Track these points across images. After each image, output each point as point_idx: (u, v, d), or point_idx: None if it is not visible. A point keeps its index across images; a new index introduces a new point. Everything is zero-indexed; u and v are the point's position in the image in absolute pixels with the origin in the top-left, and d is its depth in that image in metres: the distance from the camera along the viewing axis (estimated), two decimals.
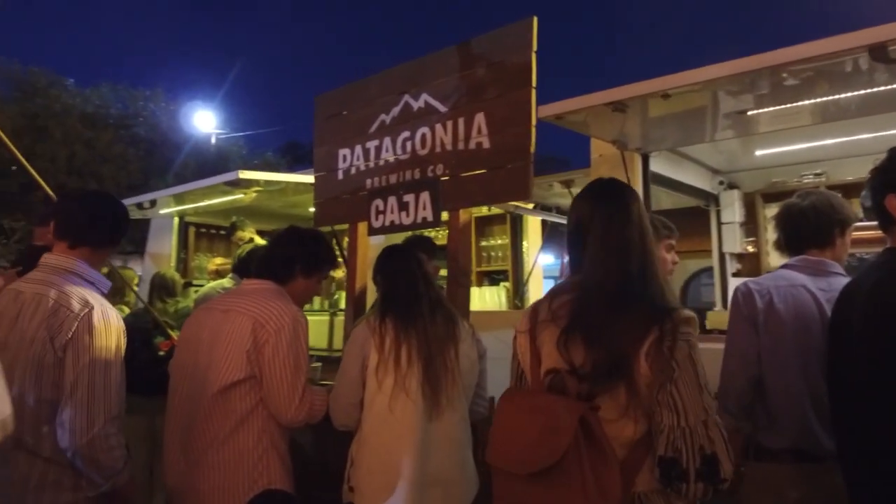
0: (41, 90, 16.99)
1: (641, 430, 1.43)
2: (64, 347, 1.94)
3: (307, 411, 2.24)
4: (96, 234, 2.16)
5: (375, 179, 3.29)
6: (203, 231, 7.15)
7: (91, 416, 1.92)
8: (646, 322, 1.42)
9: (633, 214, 1.56)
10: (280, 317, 2.24)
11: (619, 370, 1.41)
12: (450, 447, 2.18)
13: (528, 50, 2.63)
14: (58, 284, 2.01)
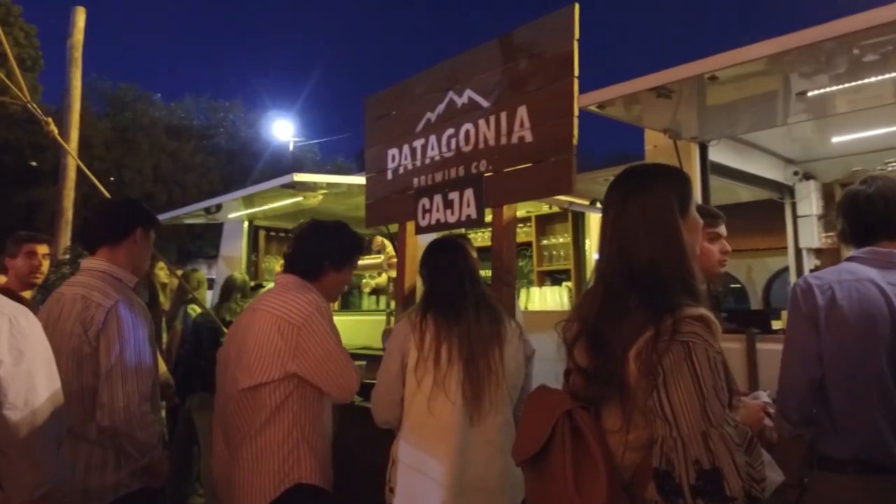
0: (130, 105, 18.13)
1: (645, 437, 1.32)
2: (97, 337, 2.11)
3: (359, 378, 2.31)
4: (104, 234, 2.32)
5: (422, 178, 3.27)
6: (272, 234, 7.37)
7: (127, 396, 2.09)
8: (643, 321, 1.30)
9: (646, 201, 1.41)
10: (302, 308, 2.24)
11: (611, 380, 1.32)
12: (491, 452, 2.11)
13: (569, 38, 2.53)
14: (88, 283, 2.21)
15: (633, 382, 1.29)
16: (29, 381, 1.47)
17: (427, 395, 2.12)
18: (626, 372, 1.29)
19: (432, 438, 2.09)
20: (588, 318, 1.40)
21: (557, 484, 1.31)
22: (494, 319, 2.23)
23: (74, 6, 8.54)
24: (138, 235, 2.36)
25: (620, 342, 1.31)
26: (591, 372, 1.36)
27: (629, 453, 1.31)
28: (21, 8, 19.16)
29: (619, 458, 1.32)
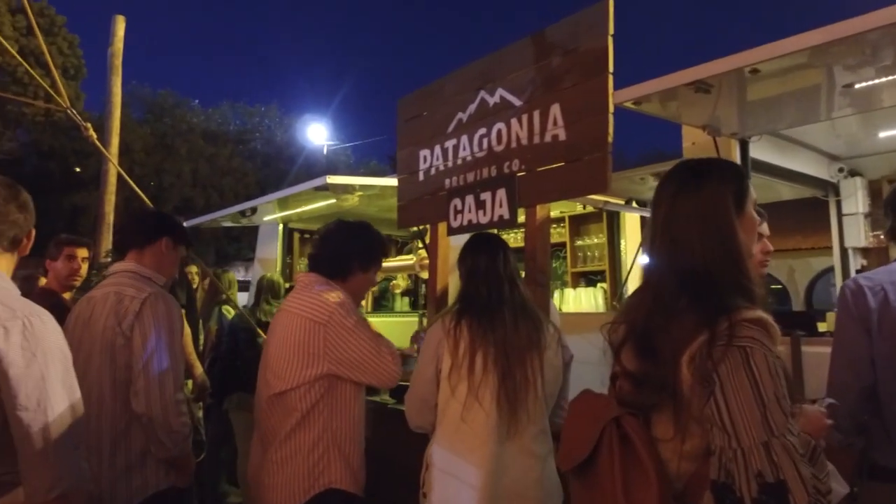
0: (169, 111, 18.55)
1: (700, 446, 1.26)
2: (131, 328, 2.17)
3: (399, 359, 2.31)
4: (133, 238, 2.43)
5: (454, 179, 3.24)
6: (307, 237, 7.43)
7: (162, 384, 2.14)
8: (696, 324, 1.23)
9: (699, 198, 1.34)
10: (324, 304, 2.23)
11: (663, 387, 1.25)
12: (527, 462, 2.06)
13: (604, 34, 2.48)
14: (119, 282, 2.30)
15: (686, 389, 1.22)
16: (41, 383, 1.48)
17: (461, 402, 2.07)
18: (678, 378, 1.23)
19: (467, 445, 2.05)
20: (636, 320, 1.34)
21: (605, 493, 1.26)
22: (534, 328, 2.15)
23: (115, 15, 8.73)
24: (164, 244, 2.43)
25: (672, 346, 1.25)
26: (641, 377, 1.30)
27: (684, 463, 1.25)
28: (65, 18, 19.80)
29: (672, 468, 1.26)
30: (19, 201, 1.63)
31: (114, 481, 2.11)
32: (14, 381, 1.43)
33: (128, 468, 2.14)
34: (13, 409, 1.44)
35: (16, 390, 1.43)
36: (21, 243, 1.65)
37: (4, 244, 1.60)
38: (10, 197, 1.61)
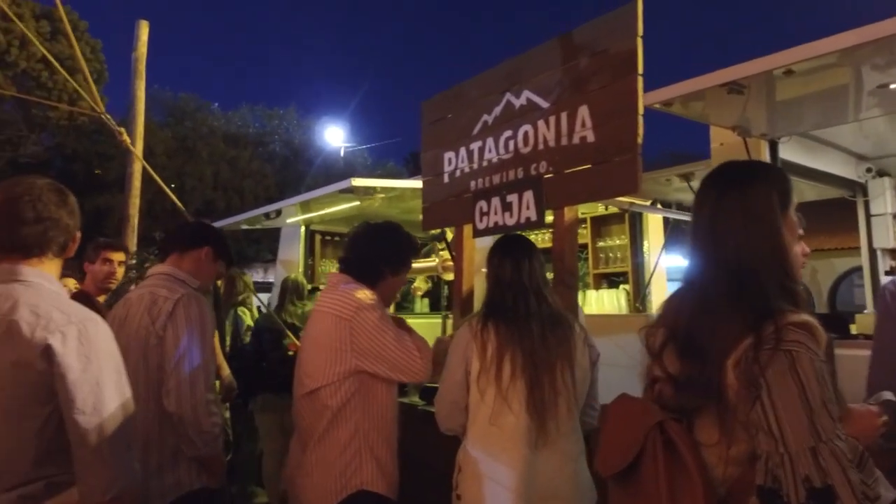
0: (190, 114, 18.76)
1: (746, 450, 1.25)
2: (164, 327, 2.21)
3: (429, 356, 2.31)
4: (176, 242, 2.49)
5: (479, 181, 3.25)
6: (328, 238, 7.48)
7: (193, 384, 2.17)
8: (741, 327, 1.23)
9: (746, 198, 1.34)
10: (350, 301, 2.25)
11: (707, 389, 1.25)
12: (560, 461, 2.06)
13: (633, 35, 2.47)
14: (154, 284, 2.35)
15: (732, 394, 1.22)
16: (96, 386, 1.51)
17: (490, 406, 2.07)
18: (723, 382, 1.23)
19: (499, 447, 2.05)
20: (679, 322, 1.34)
21: (650, 499, 1.26)
22: (564, 339, 2.13)
23: (138, 20, 8.83)
24: (205, 253, 2.47)
25: (717, 350, 1.25)
26: (684, 380, 1.30)
27: (729, 468, 1.25)
28: (87, 23, 20.09)
29: (717, 473, 1.26)
30: (68, 207, 1.65)
31: (146, 480, 2.14)
32: (71, 385, 1.46)
33: (160, 467, 2.17)
34: (70, 412, 1.47)
35: (73, 394, 1.46)
36: (68, 247, 1.68)
37: (54, 250, 1.63)
38: (60, 203, 1.62)
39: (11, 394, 1.45)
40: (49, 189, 1.62)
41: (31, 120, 18.28)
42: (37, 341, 1.46)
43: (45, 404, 1.47)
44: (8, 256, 1.58)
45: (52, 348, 1.46)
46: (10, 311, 1.49)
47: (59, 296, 1.61)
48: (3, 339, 1.46)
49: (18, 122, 17.65)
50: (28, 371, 1.46)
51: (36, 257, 1.60)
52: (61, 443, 1.49)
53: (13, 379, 1.45)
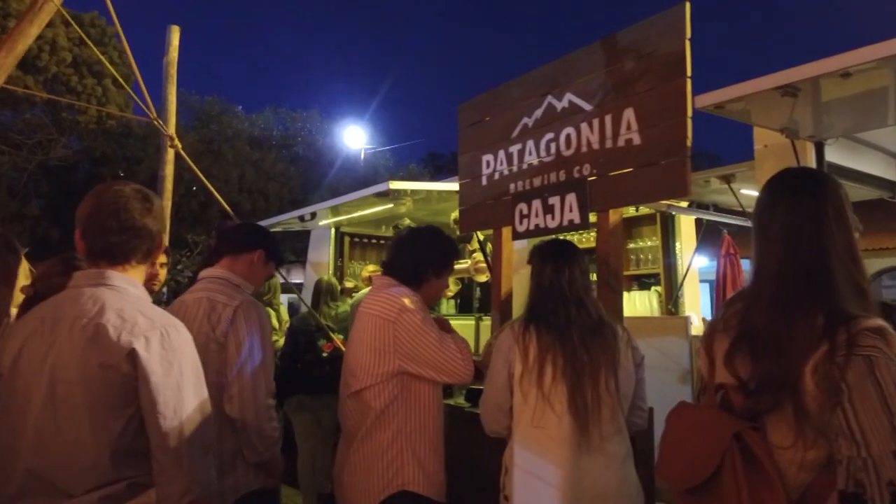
0: (215, 117, 18.97)
1: (821, 456, 1.25)
2: (225, 334, 2.22)
3: (470, 358, 2.30)
4: (231, 245, 2.48)
5: (519, 183, 3.26)
6: (356, 240, 7.54)
7: (256, 389, 2.19)
8: (816, 333, 1.23)
9: (815, 207, 1.35)
10: (394, 303, 2.27)
11: (783, 388, 1.25)
12: (605, 462, 2.05)
13: (681, 38, 2.47)
14: (209, 288, 2.34)
15: (809, 399, 1.22)
16: (177, 391, 1.53)
17: (533, 408, 2.08)
18: (801, 385, 1.23)
19: (543, 448, 2.06)
20: (752, 324, 1.34)
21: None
22: (606, 344, 2.11)
23: (169, 26, 8.98)
24: (257, 257, 2.47)
25: (794, 351, 1.25)
26: (758, 383, 1.30)
27: (802, 473, 1.25)
28: (115, 29, 20.42)
29: (791, 477, 1.26)
30: (153, 214, 1.67)
31: None
32: (154, 389, 1.49)
33: (220, 470, 2.18)
34: (152, 415, 1.49)
35: (155, 398, 1.49)
36: (153, 252, 1.71)
37: (139, 256, 1.66)
38: (145, 210, 1.64)
39: (97, 394, 1.48)
40: (135, 197, 1.64)
41: (61, 124, 18.60)
42: (122, 344, 1.48)
43: (127, 407, 1.50)
44: (96, 261, 1.62)
45: (137, 352, 1.48)
46: (97, 314, 1.52)
47: (144, 301, 1.64)
48: (90, 342, 1.49)
49: (48, 125, 17.98)
50: (113, 373, 1.48)
51: (122, 264, 1.63)
52: (141, 445, 1.52)
53: (100, 380, 1.48)
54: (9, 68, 2.49)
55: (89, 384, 1.47)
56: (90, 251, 1.62)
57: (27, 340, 1.54)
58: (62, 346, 1.50)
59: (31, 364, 1.52)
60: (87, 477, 1.46)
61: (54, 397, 1.48)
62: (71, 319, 1.52)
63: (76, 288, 1.60)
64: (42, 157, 18.01)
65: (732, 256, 7.07)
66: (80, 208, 1.64)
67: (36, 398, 1.48)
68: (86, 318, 1.51)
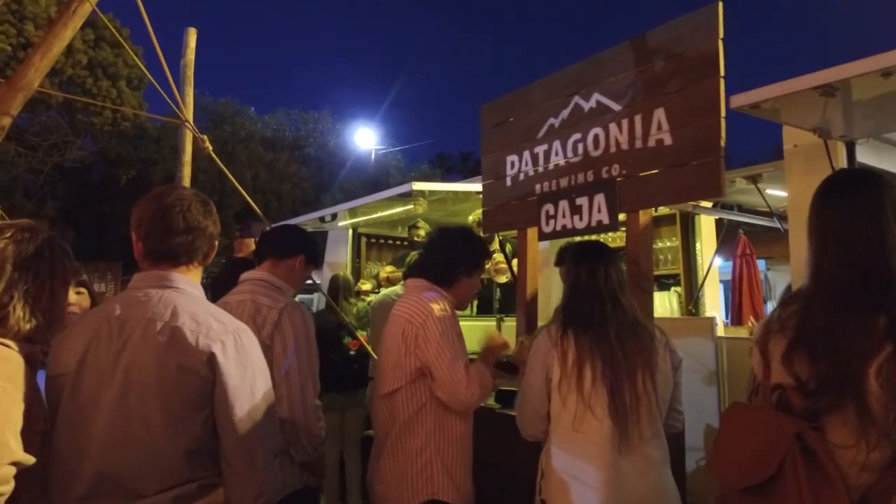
0: (228, 119, 19.05)
1: (884, 457, 1.24)
2: (270, 336, 2.22)
3: (478, 388, 2.27)
4: (274, 248, 2.48)
5: (545, 184, 3.25)
6: (372, 241, 7.55)
7: (304, 390, 2.20)
8: (879, 334, 1.22)
9: (873, 206, 1.34)
10: (422, 308, 2.27)
11: (845, 389, 1.24)
12: (645, 466, 2.05)
13: (713, 38, 2.46)
14: (252, 290, 2.35)
15: (873, 400, 1.21)
16: (251, 395, 1.55)
17: (573, 412, 2.07)
18: (864, 387, 1.22)
19: (584, 452, 2.05)
20: (812, 324, 1.33)
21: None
22: (642, 344, 2.11)
23: (186, 28, 9.04)
24: (299, 261, 2.48)
25: (855, 353, 1.24)
26: (818, 383, 1.29)
27: (864, 474, 1.24)
28: (129, 30, 20.55)
29: (852, 478, 1.25)
30: (212, 216, 1.70)
31: None
32: (231, 393, 1.50)
33: None
34: (227, 419, 1.50)
35: (232, 402, 1.50)
36: (210, 255, 1.72)
37: (199, 258, 1.68)
38: (205, 213, 1.67)
39: (174, 397, 1.48)
40: (196, 199, 1.66)
41: (76, 125, 18.76)
42: (201, 349, 1.49)
43: (202, 409, 1.51)
44: (158, 263, 1.62)
45: (216, 357, 1.49)
46: (171, 317, 1.52)
47: (209, 303, 1.66)
48: (168, 345, 1.49)
49: (64, 127, 18.13)
50: (192, 376, 1.48)
51: (184, 265, 1.64)
52: (213, 446, 1.53)
53: (177, 383, 1.48)
54: (44, 70, 2.50)
55: (165, 387, 1.48)
56: (151, 253, 1.63)
57: (93, 341, 1.53)
58: (136, 349, 1.50)
59: (99, 365, 1.51)
60: (160, 477, 1.47)
61: (128, 399, 1.48)
62: (143, 322, 1.53)
63: (139, 290, 1.60)
64: (57, 159, 18.18)
65: (748, 257, 7.01)
66: (137, 211, 1.65)
67: (106, 399, 1.48)
68: (159, 321, 1.52)
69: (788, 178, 3.05)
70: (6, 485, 1.31)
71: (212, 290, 3.23)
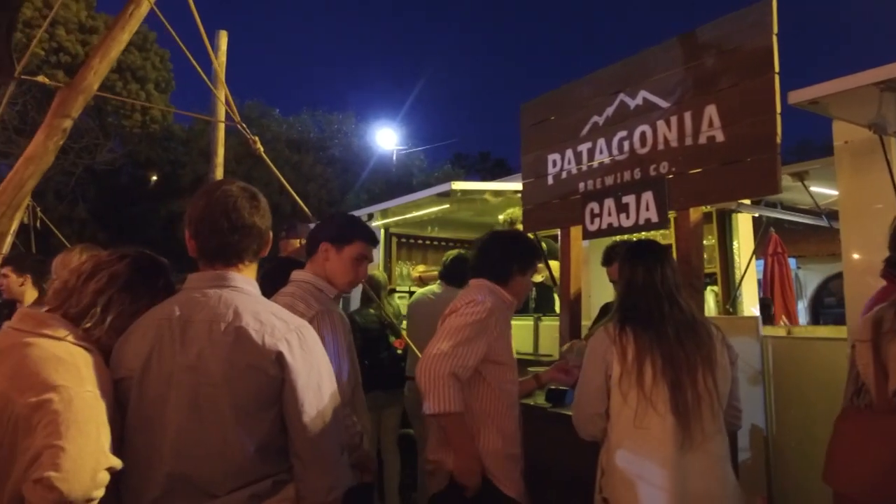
0: (255, 121, 19.23)
1: None
2: None
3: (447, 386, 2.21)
4: (310, 245, 2.40)
5: (589, 182, 3.24)
6: (403, 241, 7.57)
7: None
8: None
9: None
10: (462, 299, 2.31)
11: None
12: (709, 462, 2.03)
13: (767, 33, 2.44)
14: (294, 293, 2.28)
15: None
16: (318, 392, 1.56)
17: (634, 409, 2.05)
18: None
19: (646, 449, 2.04)
20: None
21: None
22: (701, 342, 2.09)
23: (218, 30, 9.16)
24: (323, 250, 2.36)
25: None
26: None
27: None
28: (156, 34, 20.85)
29: None
30: (261, 211, 1.65)
31: None
32: (300, 390, 1.51)
33: None
34: (296, 416, 1.51)
35: (301, 399, 1.51)
36: (262, 250, 1.70)
37: (250, 256, 1.65)
38: (253, 209, 1.63)
39: (245, 395, 1.49)
40: (243, 196, 1.63)
41: (106, 128, 19.10)
42: (268, 348, 1.48)
43: (271, 407, 1.51)
44: (212, 262, 1.62)
45: (283, 355, 1.49)
46: (234, 318, 1.51)
47: (268, 301, 1.66)
48: (234, 345, 1.48)
49: (95, 130, 18.45)
50: (260, 375, 1.48)
51: (236, 264, 1.63)
52: (281, 442, 1.54)
53: (245, 382, 1.49)
54: (103, 74, 2.55)
55: (235, 386, 1.48)
56: (203, 252, 1.62)
57: (156, 343, 1.53)
58: (202, 350, 1.50)
59: (164, 367, 1.51)
60: (233, 477, 1.47)
61: (197, 400, 1.47)
62: (206, 322, 1.52)
63: (197, 290, 1.59)
64: (88, 161, 18.50)
65: (780, 255, 6.90)
66: (190, 209, 1.63)
67: (175, 401, 1.48)
68: (222, 321, 1.51)
69: (839, 175, 3.00)
70: (100, 490, 1.32)
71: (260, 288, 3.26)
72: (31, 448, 1.29)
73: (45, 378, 1.36)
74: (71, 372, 1.40)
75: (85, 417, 1.35)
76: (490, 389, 2.28)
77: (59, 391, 1.34)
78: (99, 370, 1.47)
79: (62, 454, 1.27)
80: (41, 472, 1.25)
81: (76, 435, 1.31)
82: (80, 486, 1.27)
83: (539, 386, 2.75)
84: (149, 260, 1.70)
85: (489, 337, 2.26)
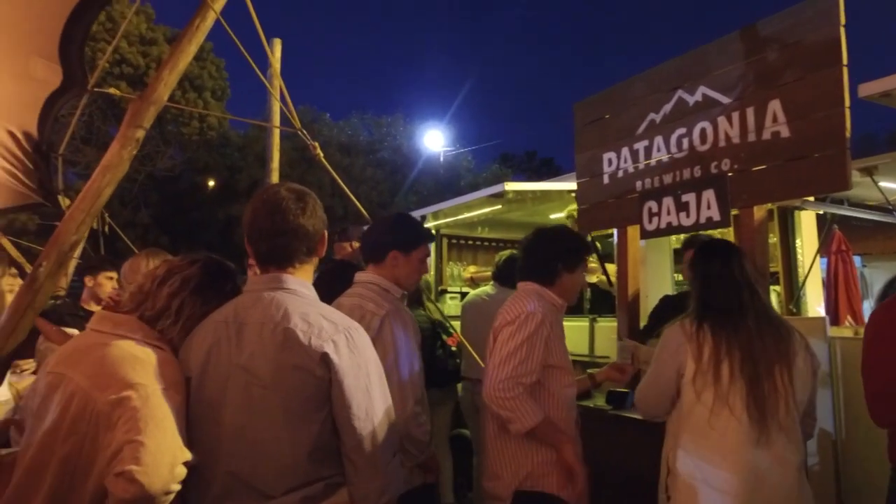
0: (307, 126, 19.62)
1: None
2: (373, 342, 2.20)
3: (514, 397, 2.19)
4: (375, 253, 2.41)
5: (647, 181, 3.20)
6: (453, 242, 7.61)
7: (403, 398, 2.16)
8: None
9: None
10: (510, 310, 2.28)
11: None
12: (783, 470, 1.98)
13: (834, 25, 2.36)
14: (362, 294, 2.33)
15: None
16: (367, 393, 1.56)
17: (709, 408, 2.01)
18: None
19: (717, 452, 1.99)
20: None
21: None
22: (780, 336, 2.04)
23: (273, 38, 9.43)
24: (391, 258, 2.39)
25: None
26: None
27: None
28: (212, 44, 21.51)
29: None
30: (308, 212, 1.65)
31: None
32: (348, 391, 1.51)
33: None
34: (346, 418, 1.52)
35: (349, 401, 1.51)
36: (316, 250, 1.71)
37: (301, 257, 1.67)
38: (299, 211, 1.63)
39: (294, 397, 1.51)
40: (289, 198, 1.63)
41: (166, 136, 19.83)
42: (314, 349, 1.49)
43: (321, 409, 1.51)
44: (266, 266, 1.66)
45: (329, 356, 1.49)
46: (283, 319, 1.53)
47: (319, 303, 1.67)
48: (282, 346, 1.50)
49: (155, 137, 19.17)
50: (307, 376, 1.49)
51: (287, 266, 1.65)
52: (333, 446, 1.55)
53: (293, 383, 1.51)
54: (172, 85, 2.63)
55: (283, 387, 1.50)
56: (258, 256, 1.66)
57: (214, 345, 1.57)
58: (253, 351, 1.52)
59: (220, 368, 1.55)
60: (286, 478, 1.49)
61: (250, 401, 1.50)
62: (258, 324, 1.55)
63: (255, 292, 1.63)
64: (150, 168, 19.22)
65: (844, 253, 6.62)
66: (244, 214, 1.68)
67: (231, 401, 1.51)
68: (272, 323, 1.54)
69: None
70: (178, 483, 1.37)
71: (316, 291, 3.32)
72: (112, 443, 1.35)
73: (124, 376, 1.43)
74: (147, 370, 1.47)
75: (162, 413, 1.40)
76: (550, 395, 2.26)
77: (136, 388, 1.40)
78: (173, 369, 1.53)
79: (142, 449, 1.32)
80: (123, 465, 1.30)
81: (154, 430, 1.36)
82: (160, 480, 1.32)
83: (594, 385, 2.72)
84: (217, 264, 1.76)
85: (543, 345, 2.24)
